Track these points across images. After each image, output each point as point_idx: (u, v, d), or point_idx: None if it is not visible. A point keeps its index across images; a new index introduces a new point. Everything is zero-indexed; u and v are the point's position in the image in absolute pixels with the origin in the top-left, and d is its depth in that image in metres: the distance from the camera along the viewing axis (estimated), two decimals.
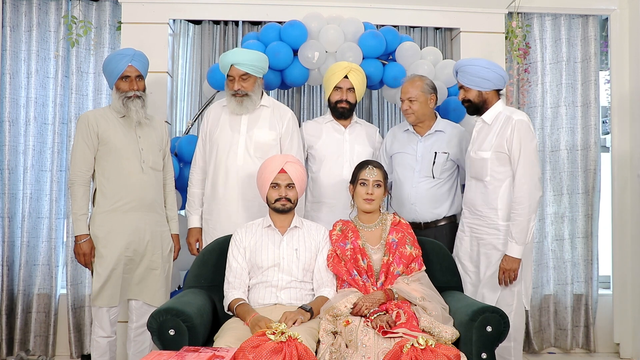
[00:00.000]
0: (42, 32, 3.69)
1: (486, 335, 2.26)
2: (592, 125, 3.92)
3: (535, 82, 3.95)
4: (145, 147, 2.85)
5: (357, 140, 3.15)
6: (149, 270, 2.85)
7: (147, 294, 2.86)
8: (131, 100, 2.80)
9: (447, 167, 3.05)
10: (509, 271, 2.66)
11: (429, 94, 3.03)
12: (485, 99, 2.76)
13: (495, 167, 2.69)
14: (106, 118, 2.82)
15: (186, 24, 3.83)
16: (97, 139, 2.78)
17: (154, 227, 2.85)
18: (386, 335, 2.17)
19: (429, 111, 3.07)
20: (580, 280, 3.93)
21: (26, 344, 3.64)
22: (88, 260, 2.75)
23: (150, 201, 2.84)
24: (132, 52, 2.83)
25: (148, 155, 2.85)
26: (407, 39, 3.50)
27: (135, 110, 2.80)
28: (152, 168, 2.86)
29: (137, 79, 2.82)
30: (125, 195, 2.78)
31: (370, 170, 2.63)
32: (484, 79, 2.72)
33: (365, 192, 2.61)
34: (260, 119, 2.97)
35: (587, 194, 3.92)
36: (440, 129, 3.08)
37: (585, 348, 3.94)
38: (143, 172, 2.81)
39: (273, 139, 2.96)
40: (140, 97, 2.82)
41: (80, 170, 2.77)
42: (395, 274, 2.52)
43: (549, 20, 3.95)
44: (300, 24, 3.35)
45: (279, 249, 2.58)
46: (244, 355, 1.95)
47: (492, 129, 2.73)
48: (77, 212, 2.76)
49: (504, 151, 2.66)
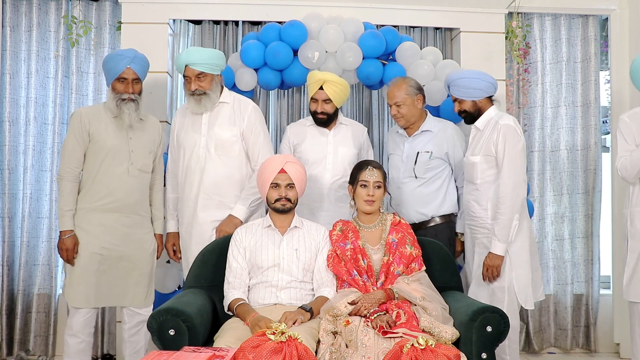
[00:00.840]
0: (42, 32, 3.69)
1: (486, 335, 2.26)
2: (592, 125, 3.92)
3: (535, 82, 3.95)
4: (136, 149, 2.83)
5: (342, 142, 3.11)
6: (128, 273, 2.81)
7: (128, 298, 2.83)
8: (125, 102, 2.78)
9: (432, 166, 3.05)
10: (492, 267, 2.75)
11: (415, 95, 3.04)
12: (480, 107, 2.88)
13: (485, 169, 2.82)
14: (99, 116, 2.80)
15: (186, 24, 3.83)
16: (88, 136, 2.77)
17: (134, 229, 2.83)
18: (386, 335, 2.17)
19: (418, 112, 3.08)
20: (581, 280, 3.93)
21: (26, 344, 3.64)
22: (70, 256, 2.73)
23: (132, 203, 2.82)
24: (132, 55, 2.81)
25: (137, 157, 2.83)
26: (407, 39, 3.50)
27: (128, 113, 2.77)
28: (140, 170, 2.84)
29: (133, 82, 2.80)
30: (107, 196, 2.76)
31: (370, 171, 2.63)
32: (476, 88, 2.84)
33: (366, 194, 2.62)
34: (219, 116, 2.92)
35: (587, 194, 3.92)
36: (428, 129, 3.09)
37: (585, 348, 3.94)
38: (129, 174, 2.79)
39: (233, 135, 2.90)
40: (135, 100, 2.80)
41: (69, 167, 2.76)
42: (395, 274, 2.52)
43: (549, 20, 3.95)
44: (300, 24, 3.35)
45: (279, 249, 2.58)
46: (244, 355, 1.95)
47: (483, 135, 2.85)
48: (63, 207, 2.75)
49: (492, 154, 2.79)
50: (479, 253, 2.87)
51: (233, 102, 2.95)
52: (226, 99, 2.95)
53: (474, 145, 2.90)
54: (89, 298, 2.76)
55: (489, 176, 2.81)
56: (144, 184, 2.88)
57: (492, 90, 2.88)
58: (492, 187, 2.80)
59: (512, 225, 2.72)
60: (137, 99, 2.82)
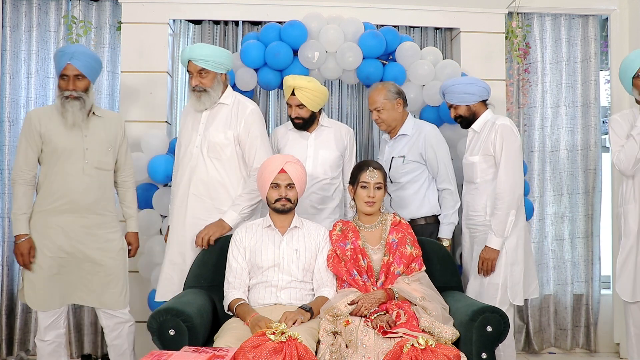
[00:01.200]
0: (42, 32, 3.69)
1: (486, 335, 2.26)
2: (592, 125, 3.92)
3: (535, 82, 3.95)
4: (91, 146, 2.73)
5: (323, 145, 3.08)
6: (94, 274, 2.73)
7: (98, 299, 2.75)
8: (68, 101, 2.67)
9: (407, 171, 3.06)
10: (487, 260, 2.82)
11: (394, 100, 3.05)
12: (474, 111, 2.97)
13: (484, 169, 2.90)
14: (51, 117, 2.72)
15: (186, 24, 3.83)
16: (40, 138, 2.69)
17: (94, 229, 2.74)
18: (386, 335, 2.17)
19: (399, 116, 3.09)
20: (581, 280, 3.93)
21: (26, 344, 3.64)
22: (27, 261, 2.65)
23: (90, 203, 2.72)
24: (72, 50, 2.70)
25: (93, 155, 2.73)
26: (407, 39, 3.50)
27: (72, 111, 2.68)
28: (97, 168, 2.75)
29: (75, 79, 2.68)
30: (62, 197, 2.68)
31: (370, 172, 2.63)
32: (469, 93, 2.94)
33: (366, 195, 2.62)
34: (217, 117, 2.86)
35: (587, 194, 3.92)
36: (405, 132, 3.10)
37: (585, 348, 3.94)
38: (84, 173, 2.71)
39: (226, 138, 2.82)
40: (79, 98, 2.69)
41: (22, 170, 2.70)
42: (395, 273, 2.52)
43: (549, 20, 3.95)
44: (300, 24, 3.35)
45: (279, 249, 2.58)
46: (244, 355, 1.95)
47: (480, 136, 2.94)
48: (17, 211, 2.68)
49: (490, 153, 2.87)
50: (478, 250, 2.90)
51: (232, 104, 2.89)
52: (227, 100, 2.89)
53: (472, 146, 2.98)
54: (48, 301, 2.68)
55: (488, 175, 2.89)
56: (103, 182, 2.78)
57: (485, 94, 2.97)
58: (491, 185, 2.87)
59: (509, 221, 2.79)
60: (82, 96, 2.70)
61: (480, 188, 2.91)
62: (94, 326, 3.69)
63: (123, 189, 2.94)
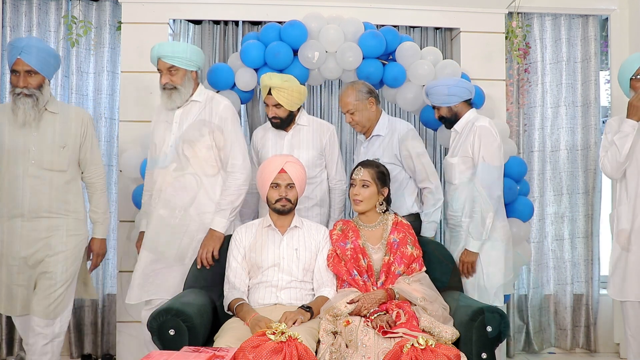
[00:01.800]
0: (42, 32, 3.69)
1: (486, 335, 2.26)
2: (592, 125, 3.92)
3: (535, 82, 3.95)
4: (38, 146, 2.57)
5: (299, 144, 3.04)
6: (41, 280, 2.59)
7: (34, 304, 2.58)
8: (19, 97, 2.52)
9: None
10: (467, 263, 2.87)
11: (366, 99, 3.02)
12: (456, 112, 2.99)
13: (462, 170, 2.93)
14: (4, 114, 2.58)
15: (186, 24, 3.82)
16: None
17: (46, 233, 2.59)
18: (386, 335, 2.17)
19: (372, 115, 3.05)
20: (581, 280, 3.93)
21: None
22: None
23: (40, 206, 2.57)
24: (22, 44, 2.53)
25: (40, 155, 2.57)
26: (407, 39, 3.50)
27: (23, 109, 2.52)
28: (47, 169, 2.59)
29: (27, 75, 2.52)
30: (11, 201, 2.55)
31: (357, 170, 2.65)
32: (450, 95, 2.96)
33: (353, 193, 2.63)
34: (189, 115, 2.78)
35: (587, 194, 3.92)
36: (378, 133, 3.06)
37: (585, 348, 3.94)
38: (28, 175, 2.55)
39: (201, 135, 2.73)
40: (31, 95, 2.53)
41: None
42: (396, 273, 2.53)
43: (549, 20, 3.95)
44: (300, 24, 3.35)
45: (279, 249, 2.58)
46: (244, 355, 1.95)
47: (461, 137, 2.97)
48: None
49: (469, 155, 2.90)
50: (458, 252, 2.93)
51: (205, 101, 2.81)
52: (199, 97, 2.81)
53: (453, 147, 3.01)
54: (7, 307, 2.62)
55: (466, 177, 2.92)
56: (55, 183, 2.61)
57: (467, 94, 2.98)
58: (468, 187, 2.90)
59: (487, 223, 2.82)
60: (35, 93, 2.54)
61: (459, 189, 2.94)
62: (94, 326, 3.69)
63: (90, 190, 2.80)
